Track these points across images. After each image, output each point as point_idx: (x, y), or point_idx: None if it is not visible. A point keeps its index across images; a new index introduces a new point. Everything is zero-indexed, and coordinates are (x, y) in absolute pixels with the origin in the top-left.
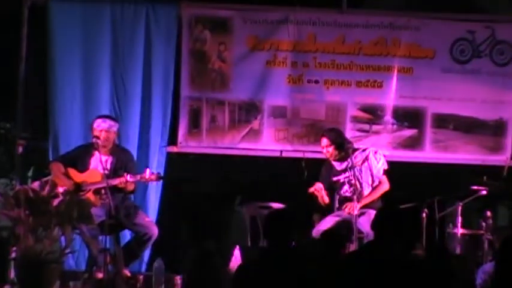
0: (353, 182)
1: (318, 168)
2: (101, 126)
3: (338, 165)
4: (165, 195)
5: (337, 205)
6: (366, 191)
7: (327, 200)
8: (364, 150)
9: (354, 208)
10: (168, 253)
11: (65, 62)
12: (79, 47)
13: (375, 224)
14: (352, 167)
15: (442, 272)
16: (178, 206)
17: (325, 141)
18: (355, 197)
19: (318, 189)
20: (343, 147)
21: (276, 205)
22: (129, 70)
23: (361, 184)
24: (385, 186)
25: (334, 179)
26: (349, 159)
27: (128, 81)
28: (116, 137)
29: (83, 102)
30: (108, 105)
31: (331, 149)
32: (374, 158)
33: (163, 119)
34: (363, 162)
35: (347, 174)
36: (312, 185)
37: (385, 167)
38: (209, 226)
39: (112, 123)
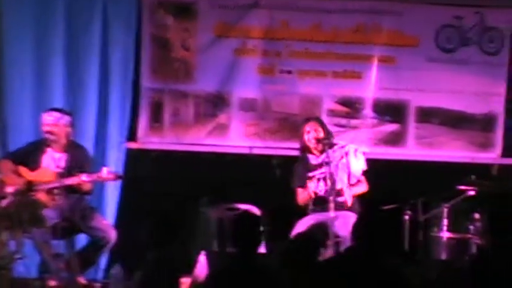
0: (328, 178)
1: (291, 167)
2: (46, 120)
3: (314, 159)
4: (124, 196)
5: (311, 206)
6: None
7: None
8: (343, 146)
9: (348, 195)
10: (127, 259)
11: (14, 49)
12: (29, 32)
13: (356, 229)
14: (328, 163)
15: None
16: (138, 208)
17: (313, 124)
18: (331, 198)
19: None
20: (329, 137)
21: (246, 207)
22: (84, 58)
23: (335, 182)
24: (364, 187)
25: (309, 174)
26: (326, 153)
27: (83, 70)
28: (69, 131)
29: (34, 94)
30: (61, 98)
31: (321, 133)
32: (354, 156)
33: (121, 112)
34: (341, 158)
35: (323, 170)
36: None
37: (365, 167)
38: (172, 230)
39: (59, 115)
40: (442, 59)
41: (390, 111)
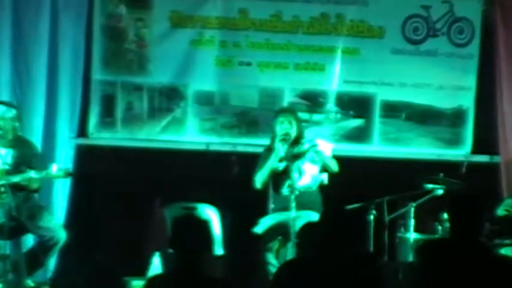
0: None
1: (250, 164)
2: None
3: (282, 152)
4: (75, 195)
5: (272, 205)
6: (304, 186)
7: None
8: (310, 140)
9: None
10: (76, 261)
11: None
12: None
13: (318, 229)
14: (296, 155)
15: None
16: (89, 207)
17: (287, 116)
18: (292, 196)
19: None
20: (302, 130)
21: (203, 206)
22: (32, 49)
23: (299, 176)
24: (336, 166)
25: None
26: (294, 146)
27: (30, 62)
28: (15, 126)
29: None
30: (7, 90)
31: (294, 126)
32: (322, 147)
33: (71, 106)
34: (308, 151)
35: (286, 163)
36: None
37: (331, 155)
38: (125, 230)
39: (4, 109)
40: (408, 51)
41: (354, 105)
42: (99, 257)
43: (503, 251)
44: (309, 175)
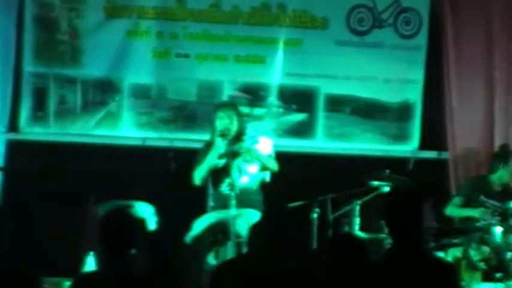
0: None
1: (188, 160)
2: None
3: (221, 148)
4: (4, 193)
5: (211, 203)
6: (245, 183)
7: None
8: (252, 136)
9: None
10: (4, 264)
11: None
12: None
13: (258, 228)
14: (237, 153)
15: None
16: (20, 206)
17: (227, 111)
18: (232, 193)
19: None
20: (243, 126)
21: (139, 204)
22: None
23: (239, 174)
24: (275, 164)
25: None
26: (235, 142)
27: None
28: None
29: None
30: None
31: (235, 121)
32: (263, 144)
33: (1, 99)
34: (249, 148)
35: (225, 160)
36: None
37: (272, 153)
38: (58, 229)
39: None
40: (353, 43)
41: (297, 99)
42: (24, 258)
43: (451, 251)
44: (249, 174)
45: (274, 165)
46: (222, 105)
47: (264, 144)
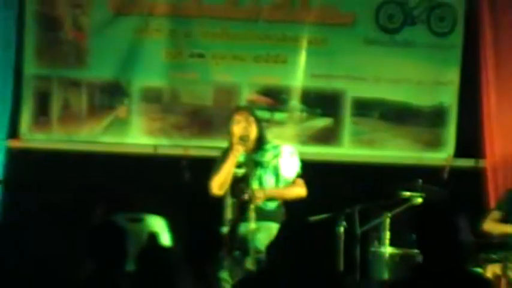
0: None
1: (204, 169)
2: None
3: (239, 155)
4: (5, 205)
5: (229, 216)
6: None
7: None
8: (276, 146)
9: (259, 195)
10: (9, 280)
11: None
12: None
13: (277, 243)
14: (258, 163)
15: None
16: (22, 219)
17: (245, 114)
18: (252, 205)
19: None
20: (263, 132)
21: (150, 217)
22: None
23: (260, 187)
24: (301, 190)
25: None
26: (257, 151)
27: None
28: None
29: None
30: None
31: (254, 129)
32: (288, 157)
33: (1, 104)
34: (273, 159)
35: (245, 169)
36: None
37: (299, 172)
38: (63, 243)
39: None
40: (382, 41)
41: (322, 103)
42: (24, 276)
43: (491, 267)
44: (269, 187)
45: (297, 192)
46: (239, 109)
47: (289, 161)
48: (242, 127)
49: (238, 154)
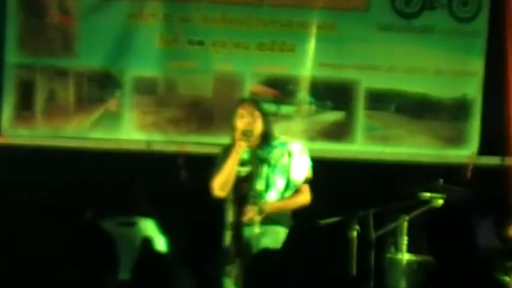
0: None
1: (203, 168)
2: None
3: (245, 152)
4: None
5: (231, 219)
6: (272, 199)
7: None
8: (286, 143)
9: (252, 214)
10: None
11: None
12: None
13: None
14: (264, 160)
15: None
16: (4, 222)
17: (249, 107)
18: (255, 207)
19: None
20: (269, 127)
21: (144, 221)
22: None
23: (266, 187)
24: (305, 198)
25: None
26: (262, 147)
27: None
28: None
29: None
30: None
31: (259, 123)
32: (298, 157)
33: None
34: (282, 158)
35: (252, 167)
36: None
37: (309, 174)
38: (47, 249)
39: None
40: (399, 27)
41: (332, 94)
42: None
43: None
44: (278, 188)
45: (302, 202)
46: (243, 102)
47: (299, 162)
48: (245, 121)
49: (241, 151)
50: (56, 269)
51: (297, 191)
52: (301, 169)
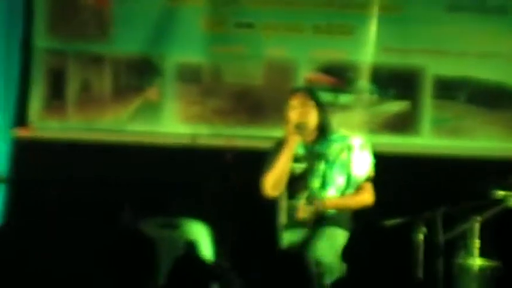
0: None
1: (253, 164)
2: None
3: (300, 147)
4: (11, 205)
5: (284, 220)
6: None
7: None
8: (346, 137)
9: (306, 213)
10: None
11: None
12: None
13: (347, 254)
14: (321, 156)
15: None
16: (33, 220)
17: (302, 97)
18: (311, 207)
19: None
20: (325, 119)
21: (189, 222)
22: None
23: (323, 185)
24: (368, 197)
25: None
26: (320, 141)
27: None
28: None
29: None
30: None
31: (314, 114)
32: (359, 153)
33: (5, 84)
34: (341, 153)
35: (307, 163)
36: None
37: (371, 172)
38: (83, 250)
39: None
40: (471, 7)
41: (396, 82)
42: None
43: None
44: (337, 185)
45: (364, 201)
46: (296, 91)
47: (360, 158)
48: (299, 113)
49: (294, 146)
50: (91, 274)
51: (359, 189)
52: (363, 166)
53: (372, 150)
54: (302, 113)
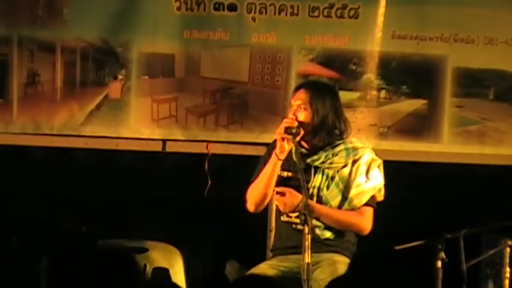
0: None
1: (236, 174)
2: None
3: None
4: None
5: (274, 244)
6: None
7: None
8: (352, 148)
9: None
10: None
11: None
12: None
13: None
14: (317, 167)
15: None
16: None
17: (303, 94)
18: (305, 227)
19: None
20: (328, 123)
21: (157, 246)
22: None
23: (319, 200)
24: (362, 222)
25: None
26: (317, 152)
27: None
28: None
29: None
30: None
31: (309, 114)
32: (364, 169)
33: None
34: (342, 167)
35: (300, 178)
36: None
37: (380, 196)
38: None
39: None
40: None
41: (410, 76)
42: None
43: None
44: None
45: (356, 223)
46: (299, 88)
47: (365, 176)
48: (292, 115)
49: (282, 155)
50: None
51: (358, 212)
52: (367, 187)
53: (381, 157)
54: (293, 116)
